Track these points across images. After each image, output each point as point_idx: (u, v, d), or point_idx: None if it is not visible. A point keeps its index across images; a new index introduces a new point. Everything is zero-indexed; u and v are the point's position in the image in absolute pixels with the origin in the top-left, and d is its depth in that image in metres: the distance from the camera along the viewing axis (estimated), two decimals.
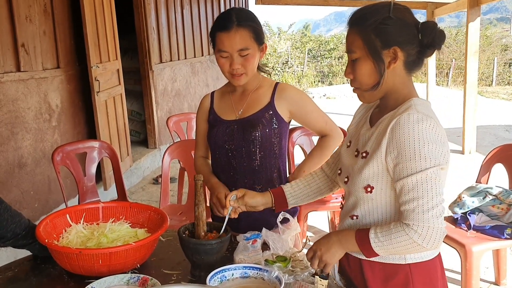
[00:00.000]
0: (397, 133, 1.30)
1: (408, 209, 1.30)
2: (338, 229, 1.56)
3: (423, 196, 1.27)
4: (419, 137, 1.27)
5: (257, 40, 1.80)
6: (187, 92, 7.62)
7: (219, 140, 1.91)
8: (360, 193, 1.41)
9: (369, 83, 1.38)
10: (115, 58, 5.00)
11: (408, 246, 1.30)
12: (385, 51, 1.34)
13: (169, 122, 4.40)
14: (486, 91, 15.34)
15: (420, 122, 1.28)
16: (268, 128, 1.86)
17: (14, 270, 1.68)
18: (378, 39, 1.33)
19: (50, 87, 4.08)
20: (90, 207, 1.88)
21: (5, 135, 3.49)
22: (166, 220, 1.73)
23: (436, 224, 1.27)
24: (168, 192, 3.28)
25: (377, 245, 1.34)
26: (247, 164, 1.88)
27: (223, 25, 1.77)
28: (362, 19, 1.36)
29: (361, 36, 1.35)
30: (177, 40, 7.08)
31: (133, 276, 1.52)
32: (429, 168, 1.27)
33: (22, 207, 3.63)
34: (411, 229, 1.29)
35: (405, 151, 1.28)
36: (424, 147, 1.27)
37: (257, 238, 1.65)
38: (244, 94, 1.94)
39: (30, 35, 3.77)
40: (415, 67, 1.40)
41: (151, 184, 5.63)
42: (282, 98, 1.89)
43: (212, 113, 1.98)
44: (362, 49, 1.36)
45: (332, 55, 20.26)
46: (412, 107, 1.32)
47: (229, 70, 1.81)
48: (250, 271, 1.53)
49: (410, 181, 1.29)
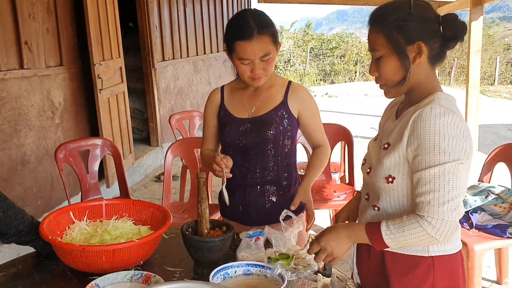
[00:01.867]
0: (419, 125, 1.31)
1: (424, 201, 1.31)
2: (359, 221, 1.58)
3: (439, 189, 1.29)
4: (440, 130, 1.29)
5: (275, 43, 1.81)
6: (189, 90, 7.63)
7: (232, 138, 1.92)
8: (382, 183, 1.43)
9: (395, 79, 1.40)
10: (118, 56, 5.00)
11: (421, 238, 1.32)
12: (409, 47, 1.36)
13: (172, 120, 4.40)
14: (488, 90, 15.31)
15: (442, 116, 1.29)
16: (281, 126, 1.87)
17: (18, 266, 1.69)
18: (401, 36, 1.35)
19: (53, 84, 4.09)
20: (94, 204, 1.88)
21: (8, 132, 3.50)
22: (169, 218, 1.73)
23: (450, 217, 1.30)
24: (171, 190, 3.28)
25: (389, 237, 1.35)
26: (260, 161, 1.90)
27: (243, 33, 1.74)
28: (383, 17, 1.38)
29: (383, 34, 1.37)
30: (179, 38, 7.08)
31: (136, 273, 1.53)
32: (448, 163, 1.28)
33: (25, 204, 3.64)
34: (425, 221, 1.31)
35: (425, 143, 1.30)
36: (444, 141, 1.28)
37: (259, 235, 1.65)
38: (256, 92, 1.93)
39: (33, 32, 3.77)
40: (438, 60, 1.42)
41: (153, 181, 5.64)
42: (295, 97, 1.91)
43: (222, 109, 1.97)
44: (385, 47, 1.38)
45: (334, 54, 20.25)
46: (435, 101, 1.34)
47: (251, 75, 1.81)
48: (253, 269, 1.53)
49: (428, 173, 1.30)
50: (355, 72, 19.71)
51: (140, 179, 5.71)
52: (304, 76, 18.30)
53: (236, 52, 1.78)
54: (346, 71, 19.57)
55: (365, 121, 8.84)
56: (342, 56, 20.08)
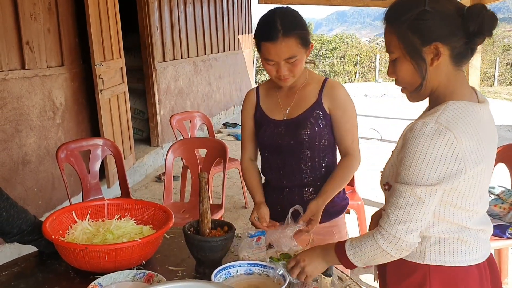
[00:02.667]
0: (407, 138, 1.24)
1: (386, 212, 1.28)
2: None
3: (401, 206, 1.25)
4: (423, 151, 1.20)
5: (303, 45, 1.74)
6: (190, 90, 7.64)
7: (267, 140, 1.90)
8: (383, 189, 1.39)
9: (412, 83, 1.29)
10: (119, 56, 5.01)
11: (376, 252, 1.30)
12: (425, 48, 1.23)
13: (172, 120, 4.41)
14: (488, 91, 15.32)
15: (431, 136, 1.19)
16: (316, 127, 1.83)
17: (21, 265, 1.69)
18: (416, 36, 1.22)
19: (54, 84, 4.10)
20: (96, 204, 1.89)
21: (10, 132, 3.51)
22: (171, 217, 1.74)
23: (404, 237, 1.25)
24: (171, 190, 3.29)
25: (351, 253, 1.33)
26: (296, 163, 1.87)
27: (268, 35, 1.70)
28: (395, 15, 1.26)
29: (396, 34, 1.25)
30: (180, 38, 7.09)
31: (139, 272, 1.54)
32: (420, 187, 1.22)
33: (26, 204, 3.65)
34: (378, 232, 1.28)
35: (407, 159, 1.23)
36: (423, 163, 1.20)
37: (261, 235, 1.66)
38: (291, 91, 1.90)
39: (35, 33, 3.78)
40: (464, 59, 1.27)
41: (154, 182, 5.64)
42: (329, 95, 1.84)
43: (258, 109, 1.95)
44: (399, 49, 1.26)
45: (334, 55, 20.25)
46: (435, 114, 1.22)
47: (276, 75, 1.78)
48: (255, 268, 1.54)
49: (398, 187, 1.25)
50: (354, 73, 19.72)
51: (141, 179, 5.72)
52: None
53: (262, 52, 1.76)
54: (345, 72, 19.58)
55: (365, 122, 8.85)
56: (342, 57, 20.09)
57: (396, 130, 6.50)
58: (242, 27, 11.05)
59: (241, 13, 10.97)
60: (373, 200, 4.67)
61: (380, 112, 10.28)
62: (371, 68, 19.47)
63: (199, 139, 3.91)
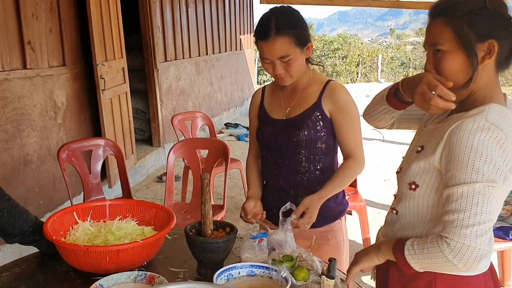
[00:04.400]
0: (454, 138, 1.19)
1: (447, 221, 1.19)
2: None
3: (465, 210, 1.16)
4: (477, 147, 1.15)
5: (299, 44, 1.74)
6: (192, 91, 7.63)
7: (265, 138, 1.91)
8: (405, 188, 1.34)
9: (456, 80, 1.24)
10: (121, 56, 5.01)
11: (440, 261, 1.19)
12: (479, 45, 1.21)
13: (174, 120, 4.41)
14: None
15: (483, 131, 1.16)
16: (313, 129, 1.82)
17: (22, 266, 1.69)
18: (473, 31, 1.20)
19: (56, 84, 4.09)
20: (97, 204, 1.89)
21: (11, 132, 3.50)
22: (172, 218, 1.73)
23: (474, 243, 1.15)
24: (173, 190, 3.28)
25: (410, 254, 1.25)
26: (292, 164, 1.87)
27: (262, 34, 1.73)
28: (453, 8, 1.23)
29: (451, 27, 1.22)
30: (182, 38, 7.09)
31: (140, 273, 1.53)
32: (479, 182, 1.15)
33: (27, 204, 3.64)
34: (444, 242, 1.18)
35: (458, 158, 1.17)
36: (479, 159, 1.15)
37: (263, 237, 1.65)
38: (293, 91, 1.91)
39: (37, 32, 3.78)
40: (506, 65, 1.27)
41: (155, 182, 5.64)
42: (329, 97, 1.83)
43: (262, 109, 1.98)
44: (451, 42, 1.22)
45: (336, 55, 20.24)
46: (483, 113, 1.20)
47: (273, 74, 1.80)
48: (257, 270, 1.53)
49: (456, 191, 1.18)
50: (357, 73, 19.70)
51: (142, 180, 5.71)
52: None
53: (259, 50, 1.79)
54: (348, 72, 19.56)
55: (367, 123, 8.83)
56: (344, 57, 20.07)
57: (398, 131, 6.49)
58: (244, 27, 11.05)
59: (243, 13, 10.97)
60: (375, 201, 4.66)
61: None
62: (373, 69, 19.44)
63: (201, 139, 3.90)
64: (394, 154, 6.14)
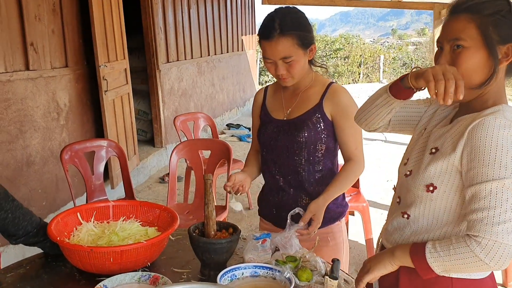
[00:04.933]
0: (478, 135, 1.17)
1: (476, 219, 1.15)
2: (383, 227, 1.49)
3: (495, 206, 1.13)
4: (502, 143, 1.14)
5: (302, 46, 1.75)
6: (194, 91, 7.64)
7: (266, 138, 1.92)
8: (420, 191, 1.30)
9: (473, 78, 1.23)
10: (123, 57, 5.02)
11: (469, 261, 1.15)
12: (500, 46, 1.21)
13: (176, 121, 4.41)
14: None
15: (506, 127, 1.15)
16: (314, 130, 1.82)
17: (26, 267, 1.69)
18: (497, 32, 1.20)
19: (59, 86, 4.10)
20: (101, 205, 1.89)
21: (14, 133, 3.51)
22: (176, 219, 1.74)
23: (506, 240, 1.11)
24: (175, 191, 3.29)
25: (433, 256, 1.19)
26: (292, 164, 1.87)
27: (265, 33, 1.73)
28: (481, 6, 1.22)
29: (477, 24, 1.21)
30: (183, 39, 7.10)
31: (144, 274, 1.53)
32: (508, 178, 1.13)
33: (30, 205, 3.65)
34: (474, 241, 1.14)
35: (483, 155, 1.15)
36: (506, 155, 1.13)
37: (266, 237, 1.65)
38: (295, 92, 1.91)
39: (39, 34, 3.79)
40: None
41: (158, 183, 5.65)
42: (331, 99, 1.83)
43: (263, 109, 1.98)
44: (475, 39, 1.21)
45: (338, 55, 20.24)
46: (500, 112, 1.20)
47: (275, 74, 1.80)
48: (261, 270, 1.53)
49: (483, 188, 1.15)
50: (358, 73, 19.70)
51: (145, 180, 5.72)
52: None
53: (262, 50, 1.79)
54: (350, 72, 19.57)
55: None
56: (346, 57, 20.06)
57: None
58: (246, 28, 11.05)
59: (245, 14, 10.98)
60: (378, 202, 4.66)
61: None
62: (375, 69, 19.44)
63: (203, 140, 3.91)
64: (396, 155, 6.13)
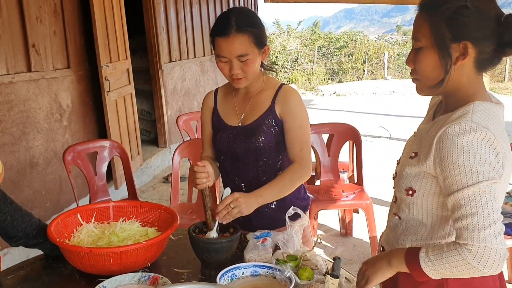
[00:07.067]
0: (444, 145, 1.17)
1: (462, 227, 1.15)
2: (387, 225, 1.50)
3: (477, 212, 1.13)
4: (468, 148, 1.14)
5: (257, 44, 1.73)
6: (197, 91, 7.63)
7: (222, 145, 1.87)
8: (402, 194, 1.32)
9: (432, 77, 1.24)
10: (125, 57, 5.01)
11: (462, 268, 1.15)
12: (454, 45, 1.19)
13: (179, 121, 4.40)
14: (498, 87, 15.17)
15: (470, 132, 1.14)
16: (269, 134, 1.80)
17: (26, 269, 1.69)
18: (449, 30, 1.18)
19: (61, 87, 4.11)
20: (101, 206, 1.89)
21: (17, 135, 3.52)
22: (176, 219, 1.73)
23: (494, 244, 1.11)
24: (179, 190, 3.28)
25: (427, 265, 1.19)
26: (253, 170, 1.85)
27: (221, 30, 1.70)
28: (434, 4, 1.21)
29: (429, 23, 1.20)
30: (186, 39, 7.09)
31: (144, 275, 1.53)
32: (482, 182, 1.13)
33: (34, 207, 3.66)
34: (464, 249, 1.13)
35: (453, 164, 1.15)
36: (474, 159, 1.13)
37: (267, 236, 1.64)
38: (246, 96, 1.88)
39: (41, 35, 3.79)
40: (488, 65, 1.23)
41: (162, 183, 5.65)
42: (281, 101, 1.81)
43: (215, 114, 1.93)
44: (428, 39, 1.21)
45: (342, 53, 20.16)
46: (467, 114, 1.18)
47: (229, 74, 1.76)
48: (261, 270, 1.52)
49: (462, 196, 1.15)
50: (363, 70, 19.62)
51: (148, 180, 5.72)
52: (312, 75, 18.24)
53: (215, 48, 1.76)
54: (354, 69, 19.48)
55: (374, 120, 8.80)
56: (350, 54, 19.99)
57: (405, 128, 6.46)
58: None
59: None
60: (382, 199, 4.63)
61: (389, 110, 10.21)
62: (379, 66, 19.34)
63: None
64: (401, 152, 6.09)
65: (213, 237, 1.62)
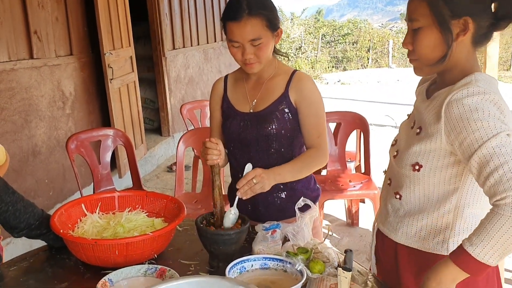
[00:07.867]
0: (454, 109, 1.17)
1: (494, 183, 1.09)
2: (377, 212, 1.49)
3: (506, 161, 1.08)
4: (477, 107, 1.14)
5: (270, 27, 1.69)
6: (200, 79, 7.57)
7: (232, 133, 1.83)
8: (407, 170, 1.32)
9: (432, 56, 1.25)
10: (128, 45, 4.95)
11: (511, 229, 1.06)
12: (454, 21, 1.21)
13: (183, 109, 4.35)
14: (504, 75, 15.03)
15: (479, 94, 1.15)
16: (282, 121, 1.76)
17: (30, 260, 1.65)
18: (448, 7, 1.19)
19: (64, 74, 4.05)
20: (106, 196, 1.84)
21: (19, 123, 3.47)
22: (183, 210, 1.68)
23: None
24: (183, 180, 3.24)
25: (479, 251, 1.09)
26: (264, 158, 1.80)
27: (233, 14, 1.66)
28: None
29: (427, 2, 1.21)
30: (189, 26, 7.01)
31: (151, 267, 1.48)
32: (500, 133, 1.11)
33: (37, 196, 3.63)
34: (503, 205, 1.06)
35: (468, 123, 1.14)
36: (487, 115, 1.13)
37: (276, 228, 1.60)
38: (258, 82, 1.84)
39: (43, 21, 3.73)
40: (484, 41, 1.25)
41: (165, 172, 5.61)
42: (295, 87, 1.77)
43: (226, 101, 1.89)
44: (427, 17, 1.22)
45: (346, 40, 20.03)
46: (472, 82, 1.20)
47: (242, 59, 1.72)
48: (271, 262, 1.48)
49: (486, 151, 1.12)
50: (367, 58, 19.49)
51: (152, 170, 5.69)
52: (316, 63, 18.14)
53: (227, 33, 1.71)
54: (358, 57, 19.36)
55: (378, 109, 8.73)
56: (354, 42, 19.84)
57: None
58: None
59: None
60: None
61: (394, 99, 10.13)
62: (384, 54, 19.20)
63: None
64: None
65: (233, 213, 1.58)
